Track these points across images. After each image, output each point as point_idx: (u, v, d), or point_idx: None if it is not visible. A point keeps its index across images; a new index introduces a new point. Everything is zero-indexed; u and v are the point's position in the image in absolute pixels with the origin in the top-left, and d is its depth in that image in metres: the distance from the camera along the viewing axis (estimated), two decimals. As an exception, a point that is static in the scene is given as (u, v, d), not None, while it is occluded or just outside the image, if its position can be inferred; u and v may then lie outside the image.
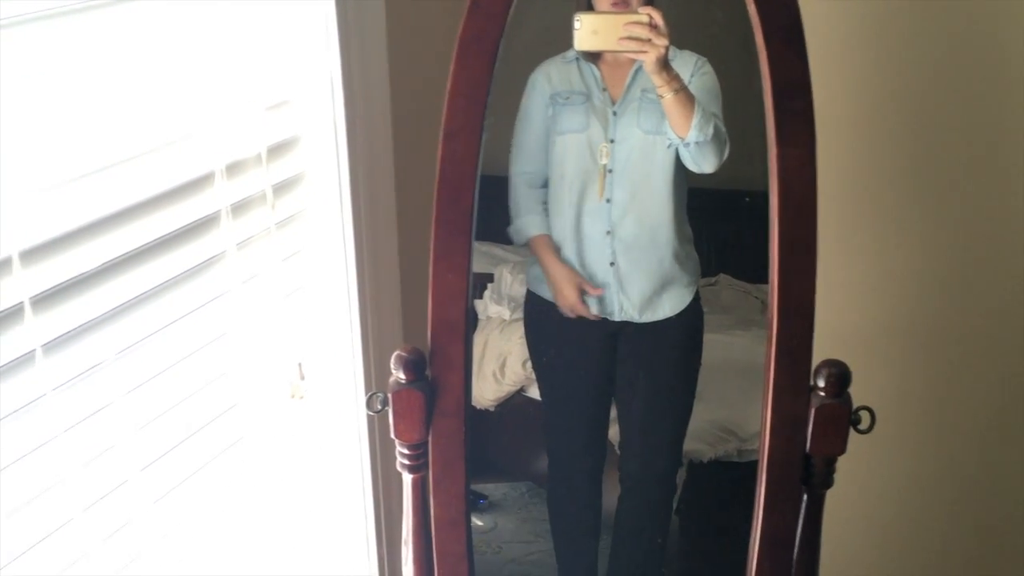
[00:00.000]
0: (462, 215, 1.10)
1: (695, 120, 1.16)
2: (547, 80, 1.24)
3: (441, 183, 1.10)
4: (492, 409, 1.44)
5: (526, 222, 1.29)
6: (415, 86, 1.41)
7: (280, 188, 1.25)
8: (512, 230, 1.29)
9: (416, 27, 1.43)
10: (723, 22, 1.19)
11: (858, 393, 1.09)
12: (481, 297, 1.43)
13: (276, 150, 1.24)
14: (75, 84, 0.96)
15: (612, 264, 1.25)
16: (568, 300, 1.28)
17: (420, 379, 1.12)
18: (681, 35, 1.16)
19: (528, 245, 1.30)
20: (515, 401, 1.44)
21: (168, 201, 1.08)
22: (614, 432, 1.37)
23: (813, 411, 1.08)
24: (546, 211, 1.27)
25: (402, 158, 1.41)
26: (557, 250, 1.27)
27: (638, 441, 1.36)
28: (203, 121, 1.12)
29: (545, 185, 1.27)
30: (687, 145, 1.18)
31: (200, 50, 1.10)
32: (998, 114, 1.52)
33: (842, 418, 1.08)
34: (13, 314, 0.92)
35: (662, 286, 1.27)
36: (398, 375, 1.12)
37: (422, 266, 1.13)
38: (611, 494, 1.39)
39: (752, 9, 1.02)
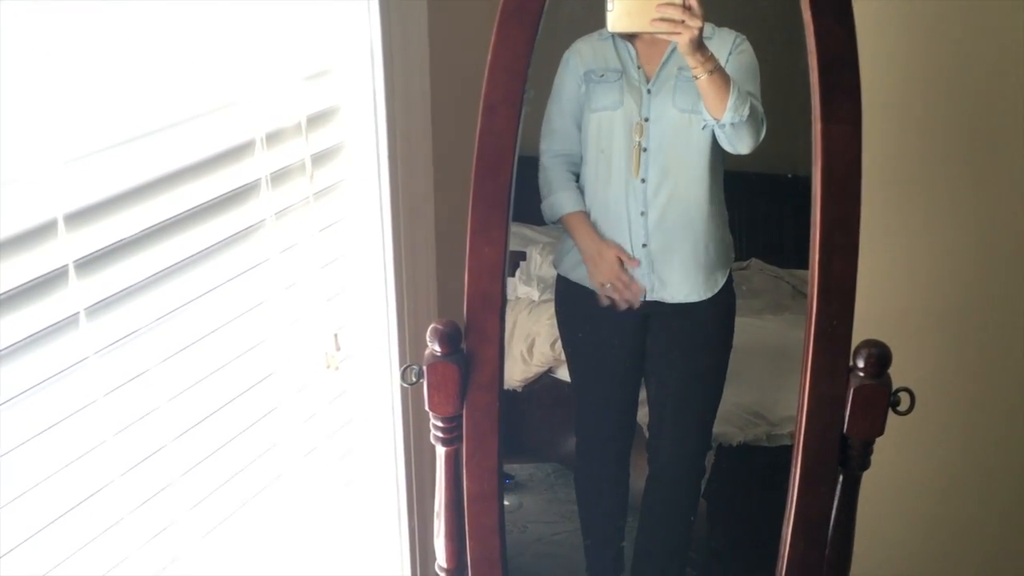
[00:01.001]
0: (500, 189, 1.10)
1: (730, 101, 1.15)
2: (579, 58, 1.23)
3: (480, 156, 1.09)
4: (519, 390, 1.43)
5: (561, 199, 1.27)
6: (455, 57, 1.40)
7: (319, 158, 1.25)
8: (545, 206, 1.28)
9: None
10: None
11: (898, 376, 1.08)
12: (513, 275, 1.42)
13: (316, 120, 1.24)
14: (120, 50, 0.96)
15: (645, 245, 1.24)
16: (609, 273, 1.27)
17: (455, 352, 1.12)
18: (723, 9, 1.15)
19: (562, 222, 1.29)
20: (543, 382, 1.44)
21: (208, 169, 1.09)
22: (642, 414, 1.37)
23: (851, 392, 1.07)
24: (580, 189, 1.26)
25: (441, 130, 1.41)
26: (593, 226, 1.27)
27: (668, 423, 1.36)
28: (244, 90, 1.12)
29: (579, 165, 1.26)
30: (722, 126, 1.17)
31: (242, 18, 1.10)
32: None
33: (881, 399, 1.07)
34: (58, 277, 0.92)
35: (696, 268, 1.26)
36: (433, 347, 1.12)
37: (459, 239, 1.13)
38: (638, 476, 1.38)
39: (800, -18, 1.01)
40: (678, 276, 1.26)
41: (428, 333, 1.11)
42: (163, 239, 1.04)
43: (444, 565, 1.23)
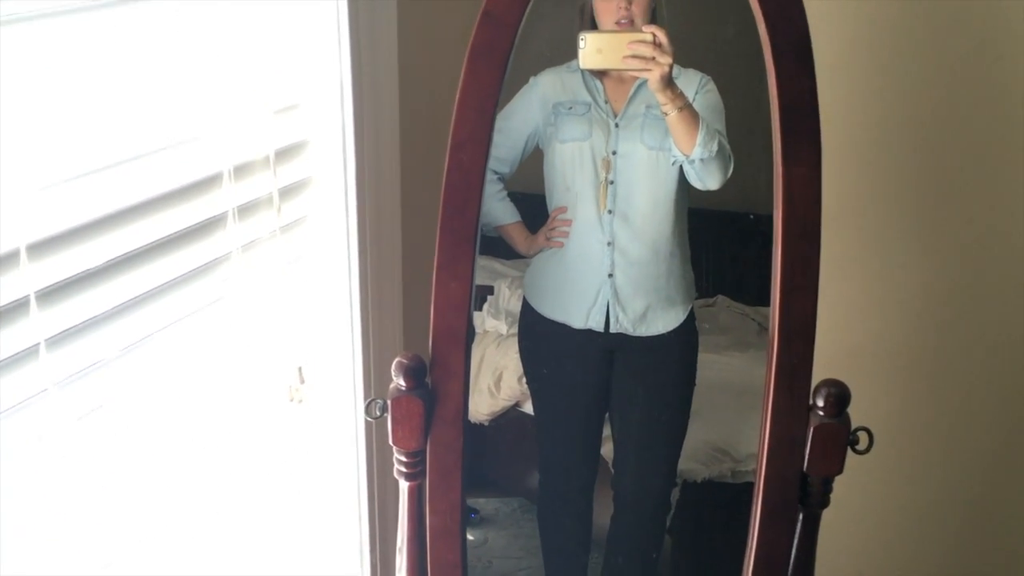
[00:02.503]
0: (467, 224, 1.11)
1: (699, 137, 1.17)
2: (549, 87, 1.25)
3: (447, 192, 1.10)
4: (486, 423, 1.44)
5: (497, 210, 1.29)
6: (424, 93, 1.42)
7: (287, 192, 1.26)
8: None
9: (427, 34, 1.44)
10: (733, 40, 1.20)
11: (857, 414, 1.10)
12: (480, 309, 1.43)
13: (284, 153, 1.24)
14: (91, 82, 0.96)
15: (611, 275, 1.26)
16: (542, 238, 1.29)
17: (420, 386, 1.12)
18: (689, 53, 1.17)
19: (500, 231, 1.31)
20: (510, 416, 1.44)
21: (176, 201, 1.09)
22: (607, 449, 1.37)
23: (811, 431, 1.08)
24: (508, 199, 1.29)
25: (408, 165, 1.42)
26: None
27: (633, 460, 1.36)
28: (213, 123, 1.12)
29: (505, 179, 1.28)
30: (692, 162, 1.19)
31: (212, 52, 1.11)
32: (1002, 137, 1.54)
33: (840, 438, 1.08)
34: (19, 307, 0.91)
35: (658, 301, 1.28)
36: (398, 382, 1.12)
37: (425, 274, 1.13)
38: (603, 511, 1.39)
39: (762, 28, 1.03)
40: (640, 308, 1.27)
41: (393, 367, 1.11)
42: (128, 270, 1.04)
43: (406, 601, 1.22)
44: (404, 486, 1.17)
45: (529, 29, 1.09)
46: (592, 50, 1.13)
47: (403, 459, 1.15)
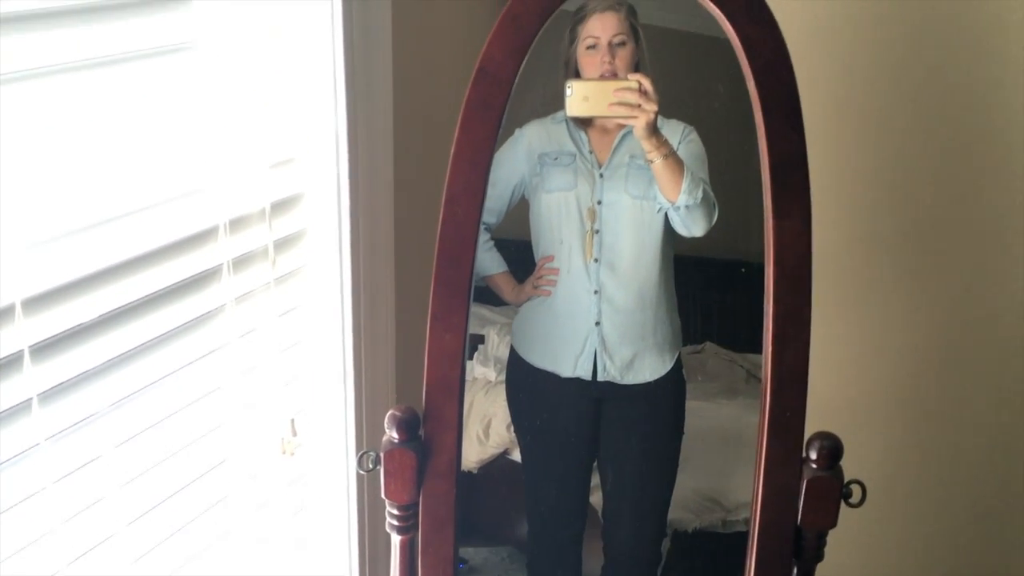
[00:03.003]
0: (461, 277, 1.11)
1: (684, 184, 1.18)
2: (535, 138, 1.26)
3: (442, 245, 1.11)
4: (475, 471, 1.43)
5: (484, 260, 1.29)
6: (419, 147, 1.43)
7: (281, 244, 1.26)
8: None
9: (422, 90, 1.45)
10: (724, 97, 1.22)
11: (849, 466, 1.10)
12: (472, 358, 1.43)
13: (279, 206, 1.25)
14: (87, 137, 0.97)
15: (598, 324, 1.26)
16: (529, 287, 1.29)
17: (413, 439, 1.12)
18: (672, 104, 1.19)
19: (487, 281, 1.31)
20: (499, 464, 1.43)
21: (172, 254, 1.09)
22: (596, 498, 1.36)
23: (805, 483, 1.08)
24: (495, 249, 1.30)
25: (402, 218, 1.43)
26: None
27: (623, 509, 1.36)
28: (210, 177, 1.13)
29: (492, 229, 1.29)
30: (677, 209, 1.20)
31: (210, 108, 1.11)
32: (993, 188, 1.56)
33: (833, 491, 1.08)
34: (13, 362, 0.91)
35: (645, 349, 1.28)
36: (391, 434, 1.11)
37: (418, 326, 1.13)
38: (592, 560, 1.38)
39: (752, 87, 1.05)
40: (628, 356, 1.28)
41: (386, 419, 1.11)
42: (122, 324, 1.04)
43: (396, 657, 1.20)
44: (396, 540, 1.16)
45: (523, 85, 1.10)
46: (579, 98, 1.15)
47: (395, 512, 1.14)
